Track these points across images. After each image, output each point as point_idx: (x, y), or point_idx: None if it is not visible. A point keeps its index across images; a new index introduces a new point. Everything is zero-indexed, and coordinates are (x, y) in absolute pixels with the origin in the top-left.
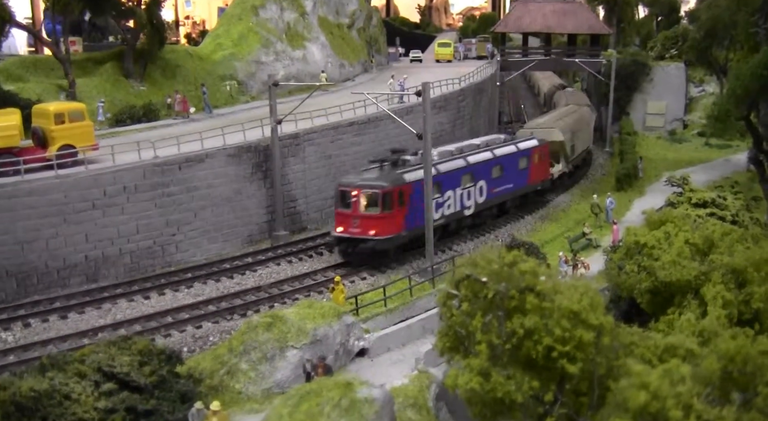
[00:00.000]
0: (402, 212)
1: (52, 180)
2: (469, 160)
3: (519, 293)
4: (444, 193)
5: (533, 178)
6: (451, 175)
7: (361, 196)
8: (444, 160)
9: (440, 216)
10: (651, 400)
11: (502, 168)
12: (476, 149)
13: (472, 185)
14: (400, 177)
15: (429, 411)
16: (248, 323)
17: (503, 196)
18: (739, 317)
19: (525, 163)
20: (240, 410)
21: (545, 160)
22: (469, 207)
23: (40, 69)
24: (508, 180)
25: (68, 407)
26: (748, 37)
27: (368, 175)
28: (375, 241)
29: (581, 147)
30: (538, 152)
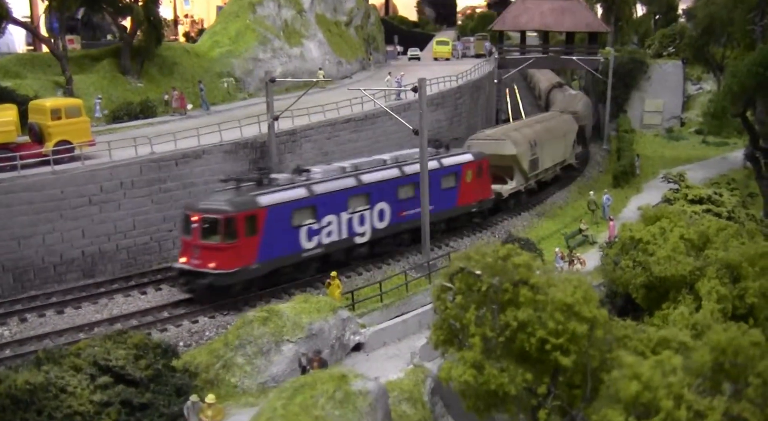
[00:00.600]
0: (252, 242)
1: (48, 176)
2: (362, 180)
3: (513, 286)
4: (321, 219)
5: (465, 198)
6: (333, 197)
7: (201, 222)
8: (323, 180)
9: (315, 245)
10: (643, 390)
11: (415, 188)
12: (377, 166)
13: (366, 208)
14: (251, 200)
15: (424, 405)
16: (244, 318)
17: (418, 222)
18: (734, 311)
19: (452, 182)
20: (236, 403)
21: (484, 178)
22: (362, 234)
23: (37, 66)
24: None
25: (64, 401)
26: (745, 34)
27: (216, 198)
28: (214, 275)
29: (551, 161)
30: (473, 169)
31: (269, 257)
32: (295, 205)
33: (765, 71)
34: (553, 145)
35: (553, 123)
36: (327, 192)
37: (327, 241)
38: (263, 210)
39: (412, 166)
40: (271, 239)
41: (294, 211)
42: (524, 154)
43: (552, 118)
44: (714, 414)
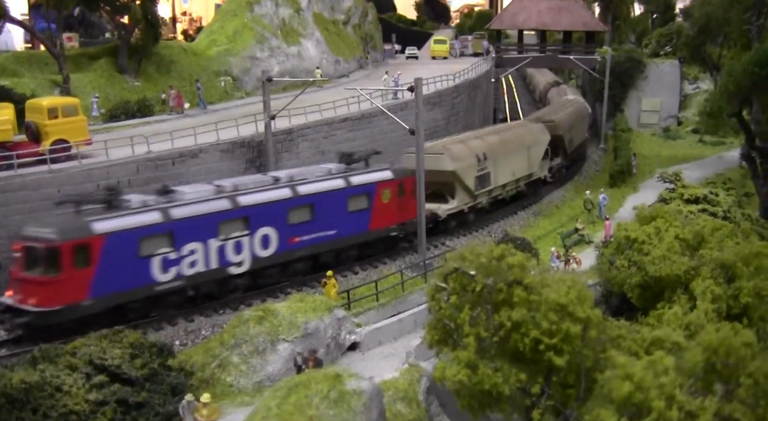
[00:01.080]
0: (84, 275)
1: (45, 174)
2: (239, 202)
3: (507, 287)
4: (181, 247)
5: (380, 221)
6: (198, 221)
7: (23, 251)
8: (185, 203)
9: (174, 277)
10: (635, 391)
11: (313, 210)
12: (262, 186)
13: (244, 234)
14: (84, 226)
15: (419, 404)
16: (240, 317)
17: (317, 248)
18: (728, 311)
19: (363, 203)
20: (231, 403)
21: (408, 199)
22: (239, 263)
23: (34, 64)
24: (326, 225)
25: (59, 399)
26: (741, 34)
27: (45, 222)
28: (33, 313)
29: (511, 176)
30: (392, 188)
31: (107, 292)
32: (144, 233)
33: (761, 70)
34: (512, 158)
35: (513, 134)
36: (189, 216)
37: (190, 272)
38: (99, 238)
39: (309, 185)
40: (111, 271)
41: (142, 238)
42: (467, 170)
43: (514, 129)
44: (705, 414)
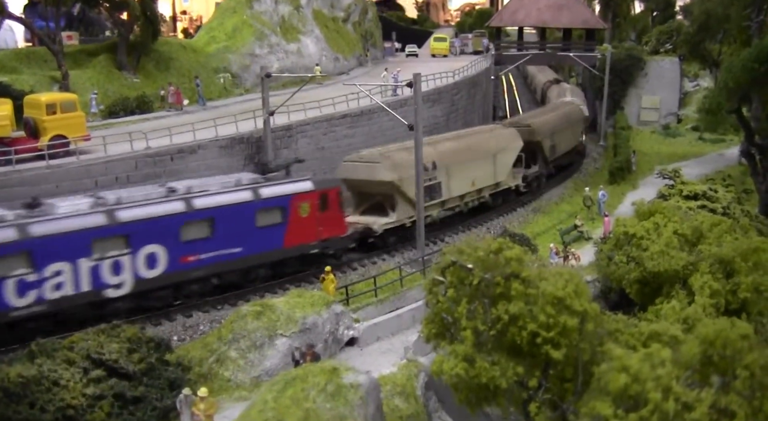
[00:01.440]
0: None
1: (43, 170)
2: (117, 217)
3: (504, 280)
4: (43, 268)
5: (298, 238)
6: (65, 239)
7: None
8: (47, 219)
9: (34, 301)
10: (631, 383)
11: (213, 226)
12: (151, 199)
13: (124, 253)
14: None
15: (417, 399)
16: (238, 312)
17: (218, 267)
18: (727, 306)
19: (276, 218)
20: (229, 397)
21: (333, 212)
22: (118, 285)
23: (33, 61)
24: (230, 243)
25: (56, 394)
26: (741, 31)
27: None
28: None
29: (470, 186)
30: (313, 200)
31: None
32: None
33: (760, 67)
34: (472, 167)
35: (476, 140)
36: (54, 233)
37: (55, 295)
38: None
39: (208, 198)
40: None
41: None
42: (409, 180)
43: (479, 134)
44: (701, 406)
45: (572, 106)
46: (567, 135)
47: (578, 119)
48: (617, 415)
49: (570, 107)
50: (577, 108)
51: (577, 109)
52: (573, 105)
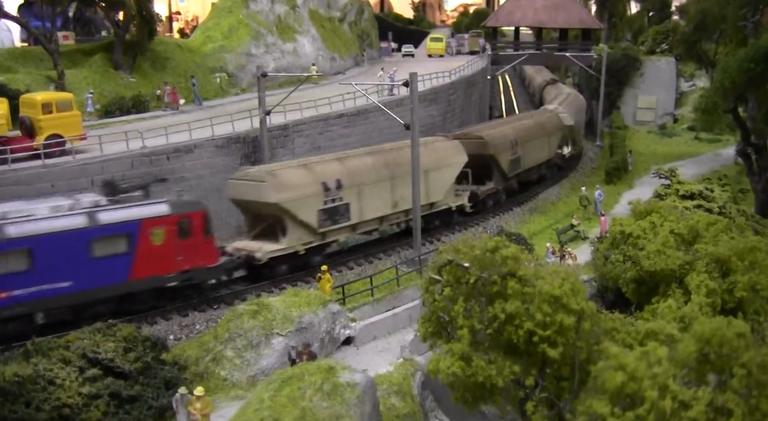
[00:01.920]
0: None
1: (39, 169)
2: None
3: (501, 279)
4: None
5: (149, 269)
6: None
7: None
8: None
9: None
10: (628, 381)
11: (32, 257)
12: None
13: None
14: None
15: (413, 399)
16: (234, 311)
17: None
18: (723, 305)
19: (120, 247)
20: (225, 396)
21: (197, 239)
22: None
23: (29, 60)
24: (55, 276)
25: (52, 393)
26: (737, 30)
27: None
28: None
29: (390, 207)
30: (169, 226)
31: None
32: None
33: (756, 66)
34: (396, 185)
35: (400, 155)
36: None
37: None
38: None
39: (24, 225)
40: None
41: None
42: (303, 202)
43: (405, 148)
44: (698, 405)
45: (549, 115)
46: (537, 147)
47: (555, 129)
48: (614, 413)
49: (546, 116)
50: (555, 117)
51: (554, 118)
52: (550, 114)
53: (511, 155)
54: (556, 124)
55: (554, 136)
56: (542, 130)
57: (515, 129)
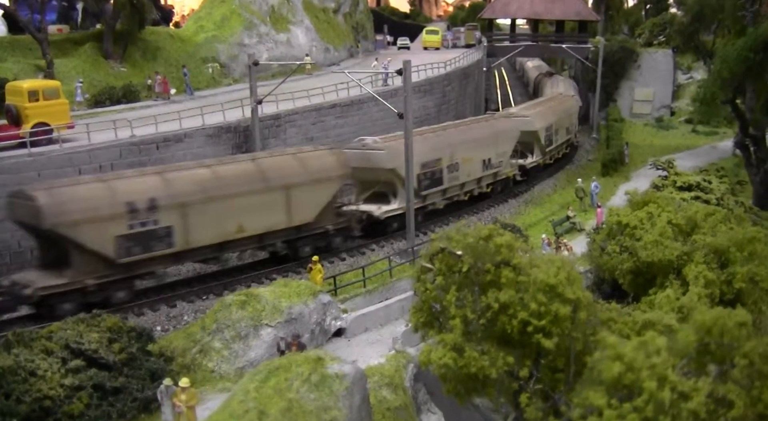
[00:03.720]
0: None
1: (25, 158)
2: None
3: (494, 267)
4: None
5: None
6: None
7: None
8: None
9: None
10: (625, 371)
11: None
12: None
13: None
14: None
15: (405, 391)
16: (222, 302)
17: None
18: (721, 297)
19: None
20: (212, 388)
21: None
22: None
23: (17, 49)
24: None
25: (33, 384)
26: (735, 20)
27: None
28: None
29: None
30: None
31: None
32: None
33: (755, 56)
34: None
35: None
36: None
37: None
38: None
39: None
40: None
41: None
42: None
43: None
44: (698, 396)
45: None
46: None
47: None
48: (611, 405)
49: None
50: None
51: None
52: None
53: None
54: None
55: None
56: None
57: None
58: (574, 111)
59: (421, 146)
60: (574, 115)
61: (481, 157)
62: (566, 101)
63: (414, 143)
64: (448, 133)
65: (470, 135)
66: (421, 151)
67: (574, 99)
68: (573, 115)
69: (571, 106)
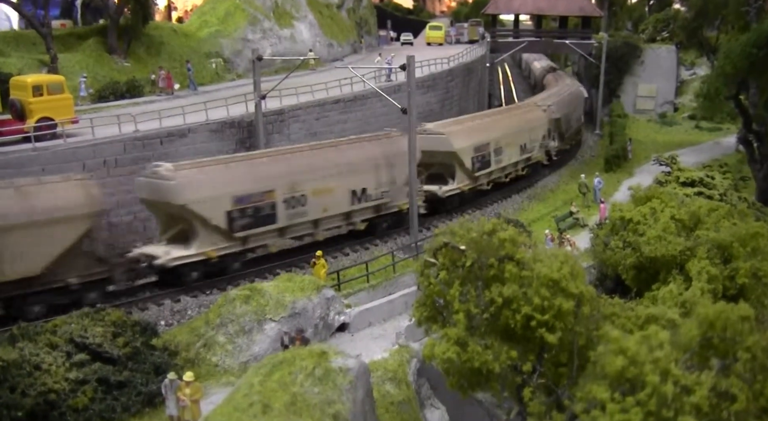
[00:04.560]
0: None
1: (29, 153)
2: None
3: (498, 262)
4: None
5: None
6: None
7: None
8: None
9: None
10: (628, 365)
11: None
12: None
13: None
14: None
15: (409, 386)
16: (225, 296)
17: None
18: (724, 292)
19: None
20: (216, 382)
21: None
22: None
23: (21, 44)
24: None
25: (38, 378)
26: (739, 16)
27: None
28: None
29: None
30: None
31: None
32: None
33: (759, 52)
34: None
35: None
36: None
37: None
38: None
39: None
40: None
41: None
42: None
43: None
44: (701, 389)
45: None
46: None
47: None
48: (614, 399)
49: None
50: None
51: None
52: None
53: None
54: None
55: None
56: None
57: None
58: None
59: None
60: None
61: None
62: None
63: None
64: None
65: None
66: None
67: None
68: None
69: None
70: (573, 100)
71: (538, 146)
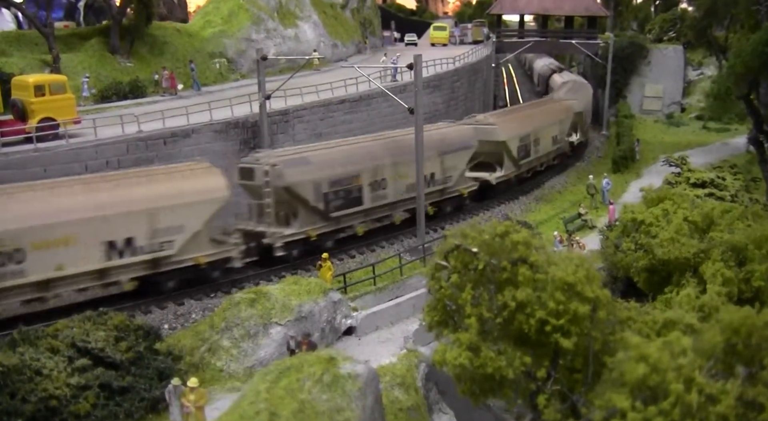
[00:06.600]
0: None
1: (31, 153)
2: None
3: (511, 265)
4: None
5: None
6: None
7: None
8: None
9: None
10: (650, 373)
11: None
12: None
13: None
14: None
15: (417, 391)
16: (230, 299)
17: None
18: (739, 295)
19: None
20: (221, 388)
21: None
22: None
23: (24, 44)
24: None
25: (39, 383)
26: (749, 15)
27: None
28: None
29: None
30: None
31: None
32: None
33: None
34: None
35: None
36: None
37: None
38: None
39: None
40: None
41: None
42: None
43: None
44: (727, 398)
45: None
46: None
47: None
48: (635, 407)
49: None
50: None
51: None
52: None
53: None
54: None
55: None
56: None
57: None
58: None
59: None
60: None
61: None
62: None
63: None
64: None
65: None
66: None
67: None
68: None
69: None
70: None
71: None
